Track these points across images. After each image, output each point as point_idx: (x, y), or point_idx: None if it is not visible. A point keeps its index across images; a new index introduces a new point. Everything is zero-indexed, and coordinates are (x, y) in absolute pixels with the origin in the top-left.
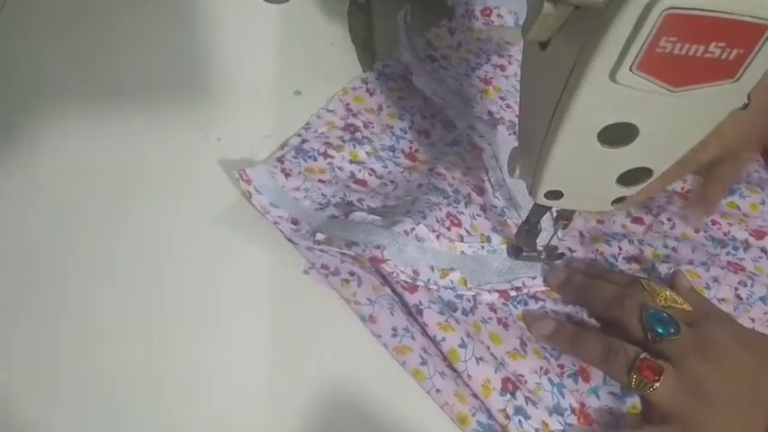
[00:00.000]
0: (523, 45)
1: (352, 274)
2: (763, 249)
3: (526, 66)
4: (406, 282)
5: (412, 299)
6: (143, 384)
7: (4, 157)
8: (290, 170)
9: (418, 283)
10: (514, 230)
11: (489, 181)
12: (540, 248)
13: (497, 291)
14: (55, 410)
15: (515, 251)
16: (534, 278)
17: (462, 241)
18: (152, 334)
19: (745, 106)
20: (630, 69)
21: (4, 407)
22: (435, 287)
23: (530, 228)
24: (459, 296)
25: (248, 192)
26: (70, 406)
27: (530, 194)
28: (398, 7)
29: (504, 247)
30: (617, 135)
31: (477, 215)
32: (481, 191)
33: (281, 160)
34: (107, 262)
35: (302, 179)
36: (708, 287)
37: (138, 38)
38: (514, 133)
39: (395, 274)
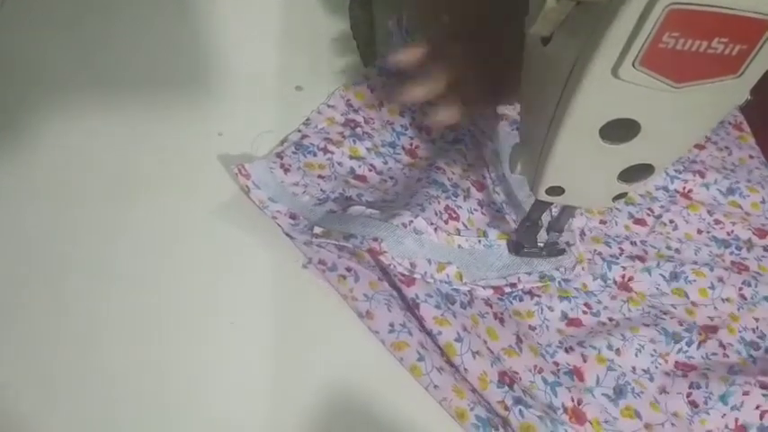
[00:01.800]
0: (525, 40)
1: (348, 269)
2: (766, 248)
3: (528, 61)
4: (403, 275)
5: (409, 292)
6: (143, 384)
7: (4, 155)
8: (290, 165)
9: (415, 275)
10: (512, 226)
11: (490, 176)
12: (540, 244)
13: (492, 287)
14: (55, 410)
15: (516, 247)
16: (530, 274)
17: (459, 235)
18: (152, 332)
19: (747, 102)
20: (633, 65)
21: (4, 407)
22: (432, 280)
23: (531, 224)
24: (457, 289)
25: (246, 186)
26: (70, 406)
27: (531, 190)
28: (400, 3)
29: (500, 242)
30: (619, 131)
31: (475, 210)
32: (481, 186)
33: (280, 156)
34: (107, 257)
35: (301, 174)
36: (712, 287)
37: (139, 33)
38: (517, 129)
39: (392, 267)
